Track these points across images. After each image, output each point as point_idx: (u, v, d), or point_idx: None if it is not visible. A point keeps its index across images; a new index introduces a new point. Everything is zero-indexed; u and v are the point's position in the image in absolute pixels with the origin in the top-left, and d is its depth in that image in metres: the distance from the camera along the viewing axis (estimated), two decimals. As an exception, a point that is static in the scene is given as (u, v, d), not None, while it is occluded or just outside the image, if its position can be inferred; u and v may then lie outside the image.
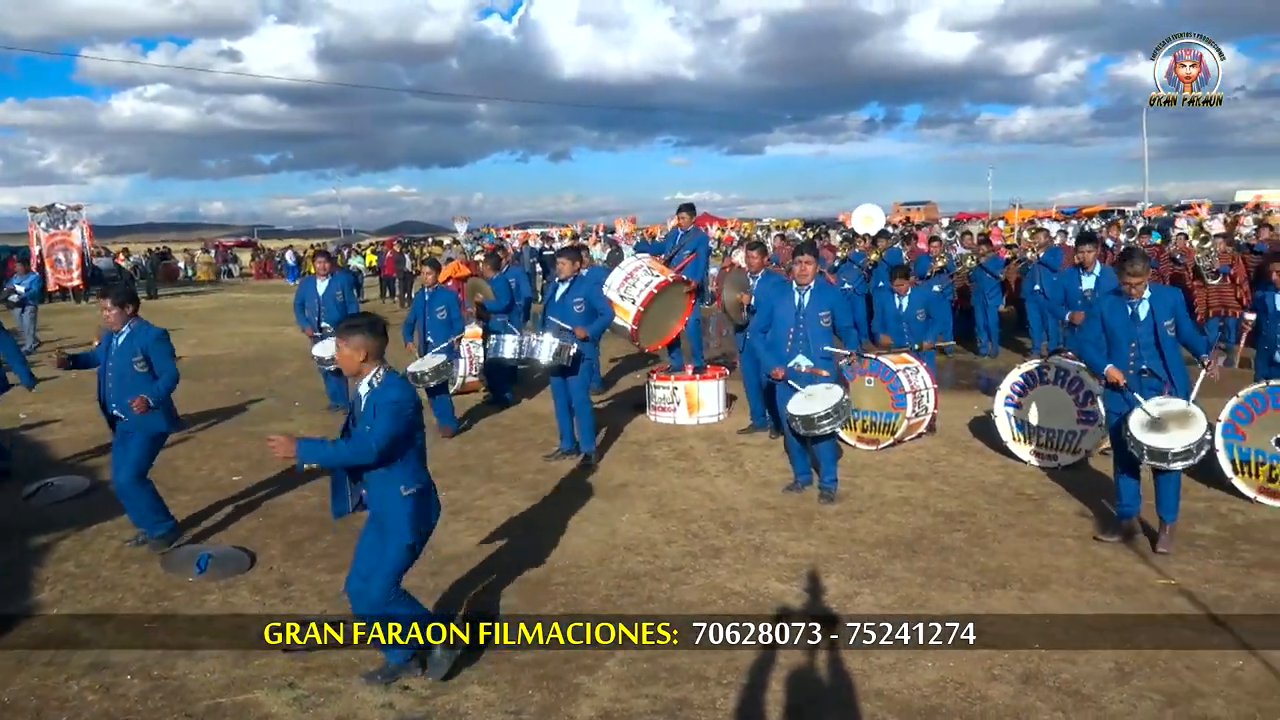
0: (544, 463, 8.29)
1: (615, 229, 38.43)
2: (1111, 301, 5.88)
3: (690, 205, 10.46)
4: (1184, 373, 5.76)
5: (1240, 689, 4.10)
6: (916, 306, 9.36)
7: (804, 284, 7.02)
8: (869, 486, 7.28)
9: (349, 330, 4.24)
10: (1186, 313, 5.92)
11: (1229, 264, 13.15)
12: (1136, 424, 5.63)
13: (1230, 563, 5.53)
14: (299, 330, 11.19)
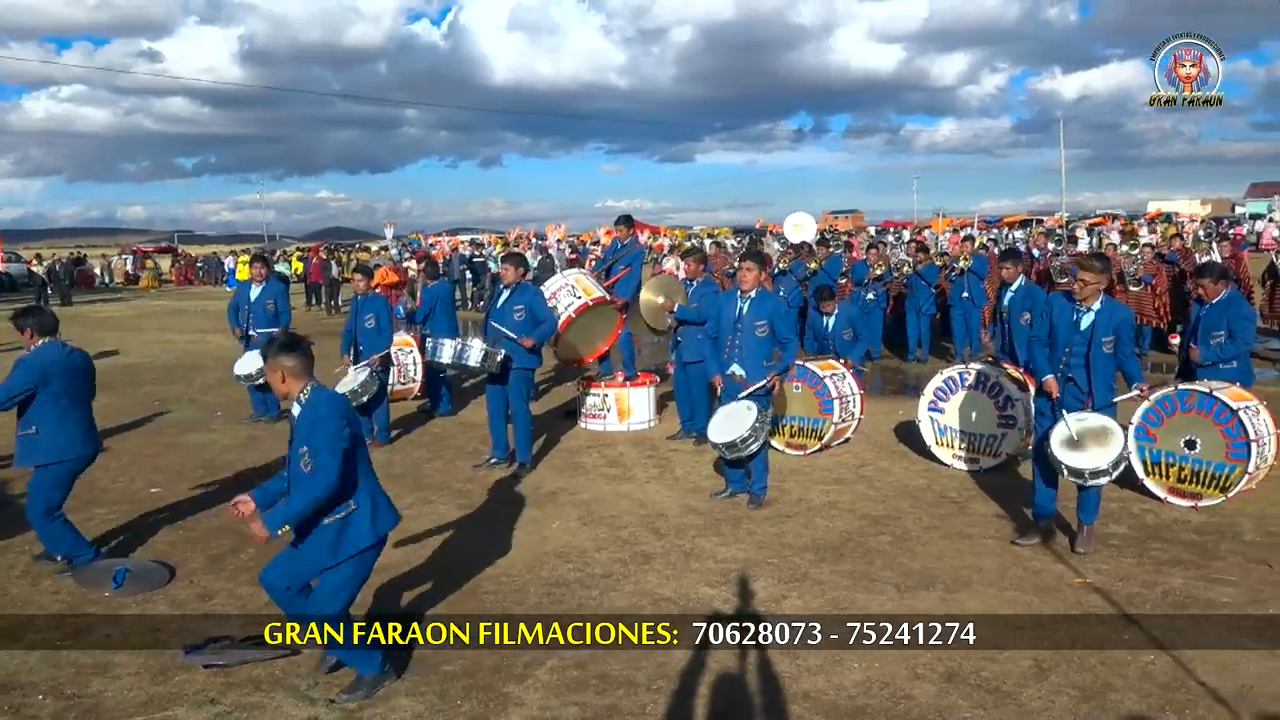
0: (474, 472, 8.23)
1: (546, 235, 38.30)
2: (1063, 304, 6.01)
3: (628, 217, 10.37)
4: (1106, 392, 5.87)
5: (1151, 683, 4.24)
6: (843, 326, 9.50)
7: (745, 292, 7.05)
8: (797, 491, 7.37)
9: (266, 355, 4.24)
10: (1131, 336, 6.00)
11: (1152, 274, 13.62)
12: (1057, 441, 5.78)
13: (1142, 561, 5.72)
14: (223, 338, 10.99)
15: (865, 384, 9.32)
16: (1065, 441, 5.76)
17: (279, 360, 4.17)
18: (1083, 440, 5.73)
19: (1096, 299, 5.82)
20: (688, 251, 10.52)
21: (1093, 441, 5.71)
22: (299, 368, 4.18)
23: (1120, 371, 5.93)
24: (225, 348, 11.86)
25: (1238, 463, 6.46)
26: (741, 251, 13.91)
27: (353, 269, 12.34)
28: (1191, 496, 6.66)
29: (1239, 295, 7.50)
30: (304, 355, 4.22)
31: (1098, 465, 5.63)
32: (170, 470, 8.28)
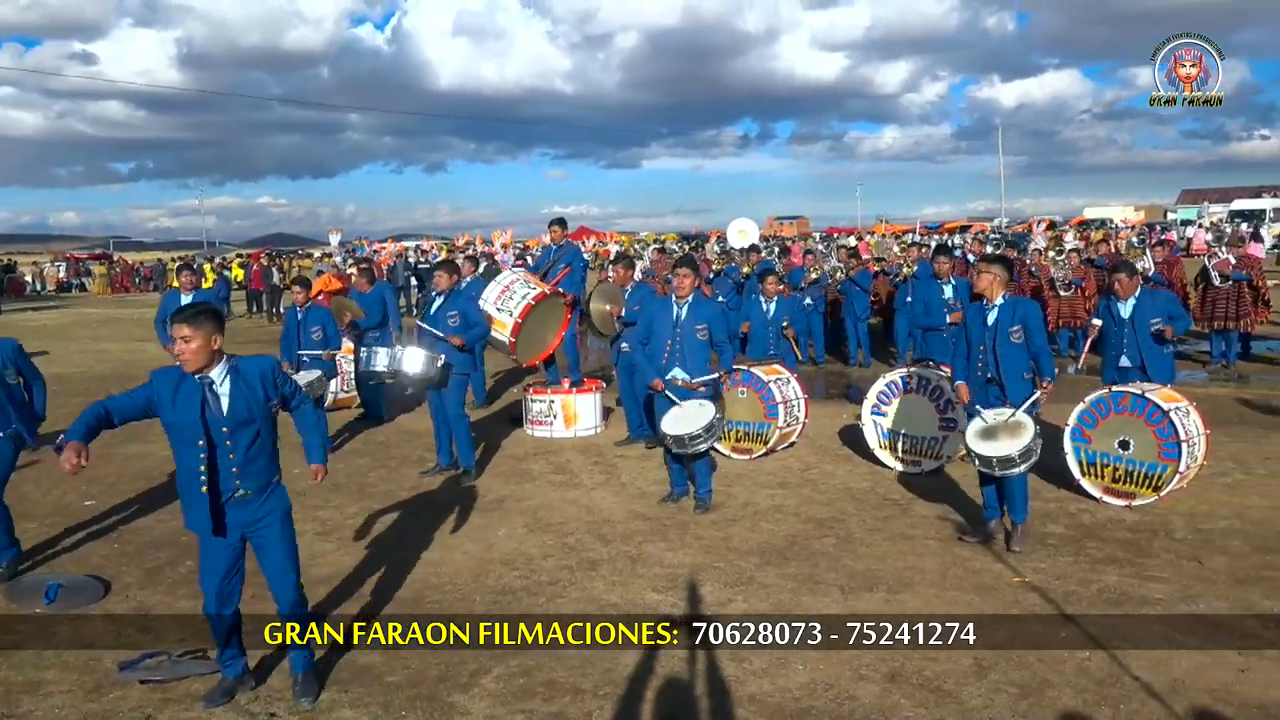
0: (419, 479, 8.16)
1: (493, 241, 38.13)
2: (975, 308, 6.18)
3: (562, 219, 10.52)
4: (1020, 384, 6.00)
5: (1087, 679, 4.33)
6: (782, 314, 9.59)
7: (682, 297, 7.10)
8: (743, 495, 7.41)
9: (198, 317, 4.06)
10: (1041, 326, 6.14)
11: (1081, 277, 13.94)
12: (972, 432, 5.92)
13: (1078, 560, 5.84)
14: (159, 347, 10.73)
15: (804, 379, 9.40)
16: (980, 432, 5.90)
17: (214, 325, 4.09)
18: (996, 431, 5.87)
19: (999, 294, 6.01)
20: (616, 258, 10.61)
21: (1005, 434, 5.86)
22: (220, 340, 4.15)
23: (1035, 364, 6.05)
24: (162, 358, 11.56)
25: (1169, 462, 6.62)
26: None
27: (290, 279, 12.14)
28: (1125, 496, 6.82)
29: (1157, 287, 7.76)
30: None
31: (1007, 453, 5.75)
32: (104, 482, 8.09)
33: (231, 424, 4.11)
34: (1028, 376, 6.04)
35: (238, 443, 4.14)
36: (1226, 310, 12.63)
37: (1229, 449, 8.08)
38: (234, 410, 4.12)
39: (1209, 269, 12.87)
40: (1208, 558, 5.78)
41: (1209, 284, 12.81)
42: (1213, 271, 12.73)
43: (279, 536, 4.32)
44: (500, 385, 12.92)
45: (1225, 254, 13.08)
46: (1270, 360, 13.29)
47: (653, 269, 15.11)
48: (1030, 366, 6.04)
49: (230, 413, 4.11)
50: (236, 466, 4.15)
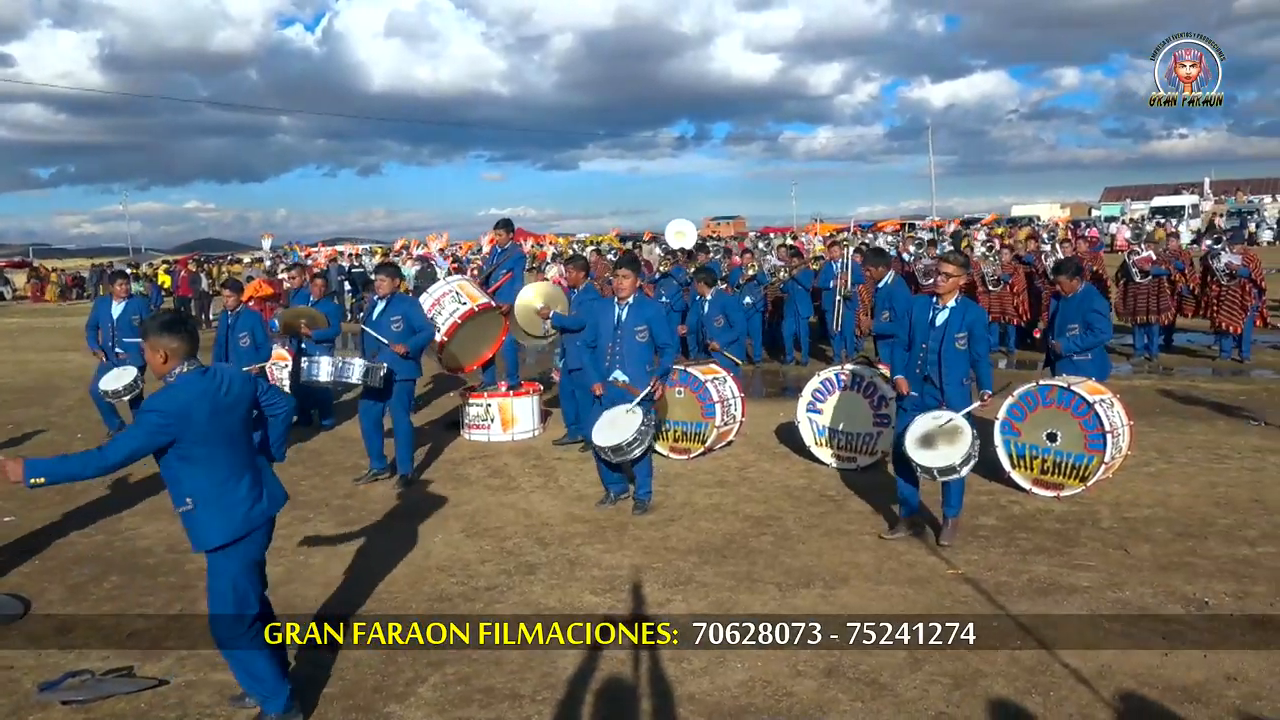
0: (353, 486, 8.03)
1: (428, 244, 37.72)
2: (923, 302, 6.22)
3: (508, 221, 10.28)
4: (960, 388, 6.07)
5: (1018, 667, 4.41)
6: (716, 312, 9.64)
7: (623, 298, 7.08)
8: (681, 495, 7.43)
9: (149, 330, 3.98)
10: (984, 335, 6.18)
11: (1010, 273, 14.24)
12: (910, 440, 5.98)
13: (1009, 551, 5.95)
14: (83, 356, 10.45)
15: (741, 378, 9.46)
16: (918, 440, 5.96)
17: (161, 339, 3.94)
18: (934, 439, 5.94)
19: (953, 296, 6.07)
20: (570, 259, 10.52)
21: (944, 440, 5.92)
22: (181, 349, 3.96)
23: (974, 372, 6.12)
24: (86, 367, 11.28)
25: (1095, 453, 6.79)
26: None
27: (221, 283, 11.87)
28: (1054, 487, 6.97)
29: (1093, 290, 7.90)
30: (187, 336, 4.00)
31: (949, 463, 5.83)
32: (24, 497, 7.81)
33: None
34: (966, 382, 6.10)
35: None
36: (1148, 305, 13.01)
37: (1152, 439, 8.32)
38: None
39: (1129, 265, 13.23)
40: (1133, 545, 5.93)
41: (1130, 279, 13.17)
42: (1133, 268, 13.09)
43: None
44: (437, 390, 12.81)
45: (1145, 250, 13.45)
46: (1191, 352, 13.71)
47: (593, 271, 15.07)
48: (969, 372, 6.12)
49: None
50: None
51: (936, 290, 6.11)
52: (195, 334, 4.06)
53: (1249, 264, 12.62)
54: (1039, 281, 13.76)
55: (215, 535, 3.98)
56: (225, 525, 3.99)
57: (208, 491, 3.96)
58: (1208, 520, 6.32)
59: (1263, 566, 5.48)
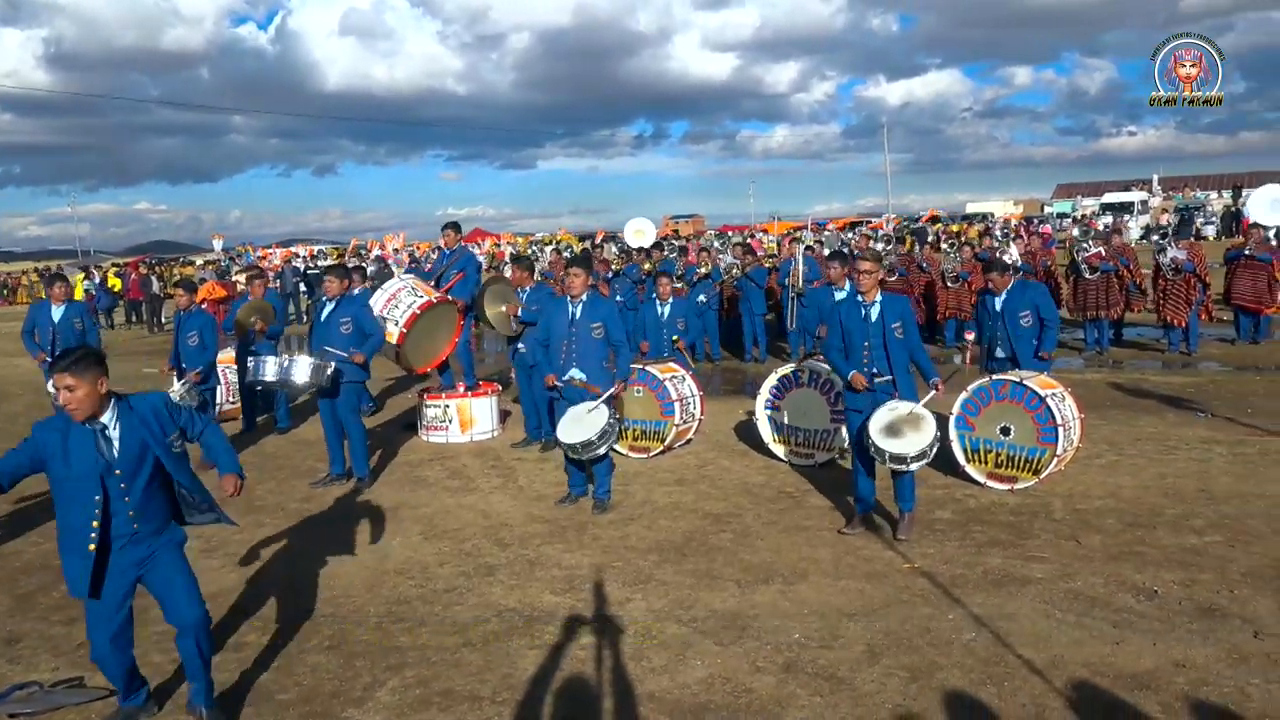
0: (310, 490, 7.95)
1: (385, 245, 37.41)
2: (849, 306, 6.31)
3: (456, 224, 10.38)
4: (908, 377, 6.20)
5: (974, 659, 4.47)
6: (676, 316, 9.67)
7: (575, 296, 7.08)
8: (640, 494, 7.43)
9: (79, 364, 3.80)
10: (914, 322, 6.36)
11: (969, 270, 14.41)
12: (876, 430, 6.05)
13: (964, 544, 6.03)
14: (31, 361, 10.24)
15: (700, 376, 9.49)
16: (884, 430, 6.03)
17: (98, 369, 3.86)
18: (899, 427, 6.01)
19: (875, 292, 6.18)
20: (515, 259, 10.51)
21: (908, 428, 6.00)
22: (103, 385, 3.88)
23: (915, 365, 6.24)
24: (33, 372, 11.06)
25: (1047, 446, 6.89)
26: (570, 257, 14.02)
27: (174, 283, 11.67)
28: (1008, 480, 7.07)
29: (1025, 280, 8.06)
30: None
31: (920, 448, 5.91)
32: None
33: (125, 466, 3.90)
34: (911, 371, 6.23)
35: (133, 485, 3.92)
36: (1098, 300, 13.22)
37: (1102, 431, 8.46)
38: (126, 451, 3.90)
39: (1079, 262, 13.44)
40: (1084, 536, 6.03)
41: (1080, 276, 13.38)
42: (1083, 264, 13.30)
43: (177, 569, 4.11)
44: (394, 391, 12.71)
45: (1093, 247, 13.67)
46: (1140, 346, 13.96)
47: (550, 270, 15.08)
48: (910, 362, 6.22)
49: (123, 455, 3.89)
50: (134, 509, 3.93)
51: (859, 287, 6.20)
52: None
53: (1194, 259, 12.87)
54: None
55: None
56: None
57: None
58: (1156, 511, 6.44)
59: (1209, 555, 5.60)
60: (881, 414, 6.08)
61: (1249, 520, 6.14)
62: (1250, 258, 13.37)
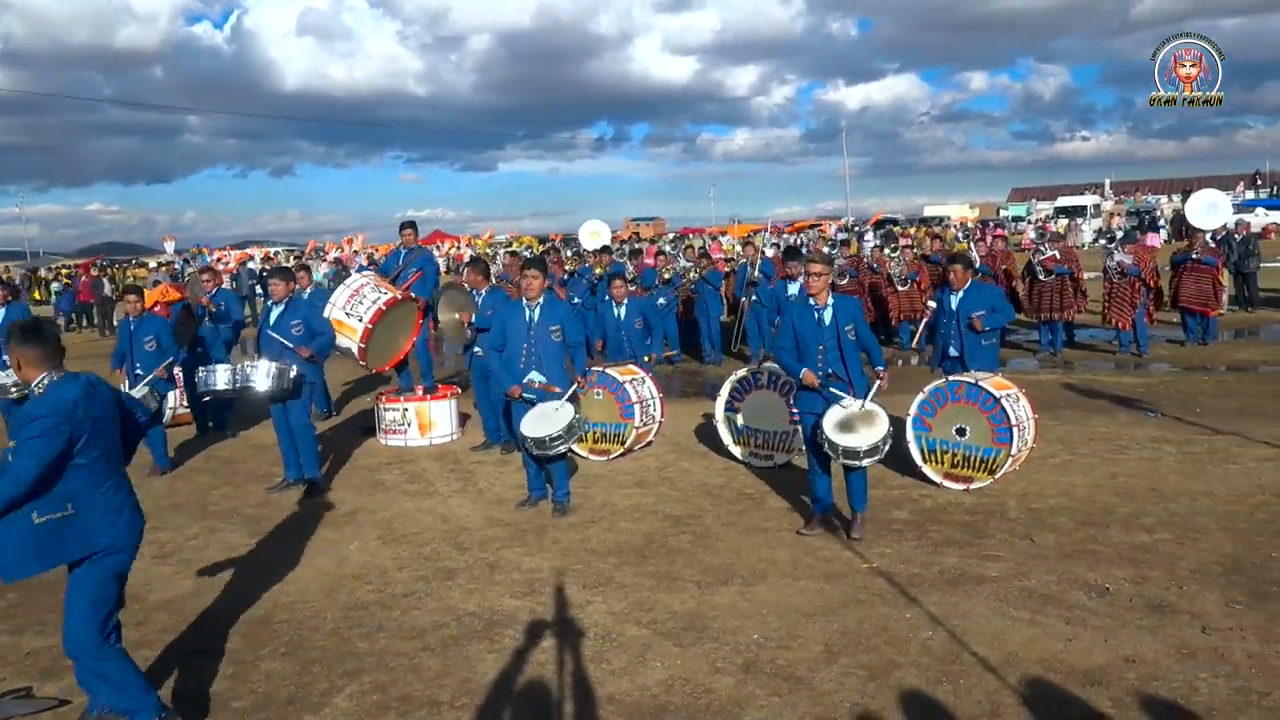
0: (266, 495, 7.86)
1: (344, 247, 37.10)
2: (800, 309, 6.35)
3: (412, 223, 10.36)
4: (862, 375, 6.28)
5: (930, 657, 4.52)
6: (634, 316, 9.68)
7: (532, 299, 7.06)
8: (600, 496, 7.43)
9: (9, 340, 3.92)
10: (864, 319, 6.45)
11: (916, 271, 14.59)
12: (830, 426, 6.10)
13: (921, 543, 6.09)
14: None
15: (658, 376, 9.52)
16: (838, 425, 6.08)
17: (16, 349, 3.88)
18: (852, 423, 6.08)
19: (827, 294, 6.24)
20: (470, 262, 10.49)
21: (861, 424, 6.07)
22: (36, 357, 3.87)
23: (865, 354, 6.35)
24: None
25: (1002, 446, 6.98)
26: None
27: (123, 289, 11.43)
28: (964, 480, 7.15)
29: (981, 282, 8.20)
30: (44, 343, 3.91)
31: (872, 442, 5.98)
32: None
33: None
34: (865, 371, 6.30)
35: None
36: (1052, 302, 13.42)
37: (1056, 431, 8.59)
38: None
39: (1035, 265, 13.64)
40: (1038, 535, 6.11)
41: (1035, 278, 13.58)
42: (1038, 267, 13.50)
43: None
44: (351, 394, 12.60)
45: (1049, 250, 13.87)
46: (1093, 347, 14.19)
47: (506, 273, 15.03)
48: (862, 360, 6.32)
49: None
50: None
51: (808, 290, 6.26)
52: (57, 342, 3.98)
53: (1139, 263, 13.12)
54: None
55: (99, 538, 3.89)
56: (110, 529, 3.93)
57: (91, 495, 3.87)
58: (1108, 509, 6.55)
59: (1159, 553, 5.70)
60: (835, 411, 6.14)
61: (1197, 518, 6.26)
62: (1196, 261, 13.67)
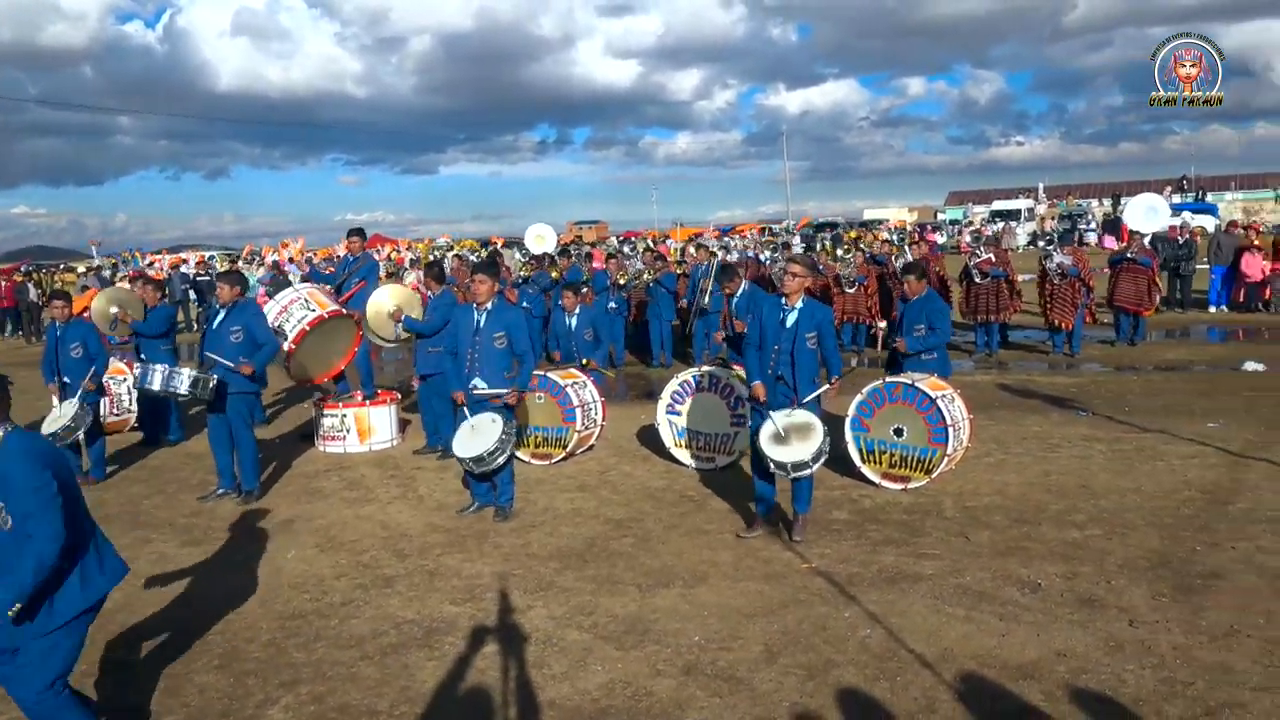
0: (200, 504, 7.70)
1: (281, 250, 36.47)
2: (772, 304, 6.37)
3: (360, 230, 10.20)
4: (811, 385, 6.29)
5: (868, 655, 4.58)
6: (584, 325, 9.68)
7: (481, 304, 6.99)
8: (542, 501, 7.40)
9: None
10: (833, 332, 6.42)
11: (864, 274, 14.77)
12: (765, 437, 6.14)
13: (860, 543, 6.16)
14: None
15: (609, 387, 9.51)
16: (772, 437, 6.13)
17: None
18: (788, 436, 6.12)
19: (799, 297, 6.25)
20: (426, 266, 10.38)
21: (796, 436, 6.11)
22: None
23: (824, 366, 6.37)
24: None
25: (938, 446, 7.10)
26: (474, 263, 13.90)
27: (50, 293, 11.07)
28: (901, 480, 7.26)
29: (934, 293, 8.28)
30: (3, 396, 3.60)
31: (800, 458, 6.02)
32: None
33: None
34: (816, 380, 6.32)
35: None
36: (988, 304, 13.68)
37: (990, 431, 8.76)
38: None
39: (970, 268, 13.89)
40: (973, 533, 6.22)
41: (971, 281, 13.83)
42: (974, 270, 13.75)
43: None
44: (289, 401, 12.40)
45: (984, 253, 14.14)
46: (1027, 348, 14.50)
47: (454, 276, 14.92)
48: (819, 370, 6.34)
49: None
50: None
51: (783, 291, 6.29)
52: (8, 394, 3.65)
53: (1078, 264, 13.43)
54: (890, 281, 14.33)
55: (72, 606, 3.66)
56: (83, 593, 3.70)
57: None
58: (1041, 507, 6.69)
59: (1089, 549, 5.84)
60: (775, 420, 6.17)
61: (1125, 514, 6.43)
62: (1132, 261, 14.04)
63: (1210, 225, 30.08)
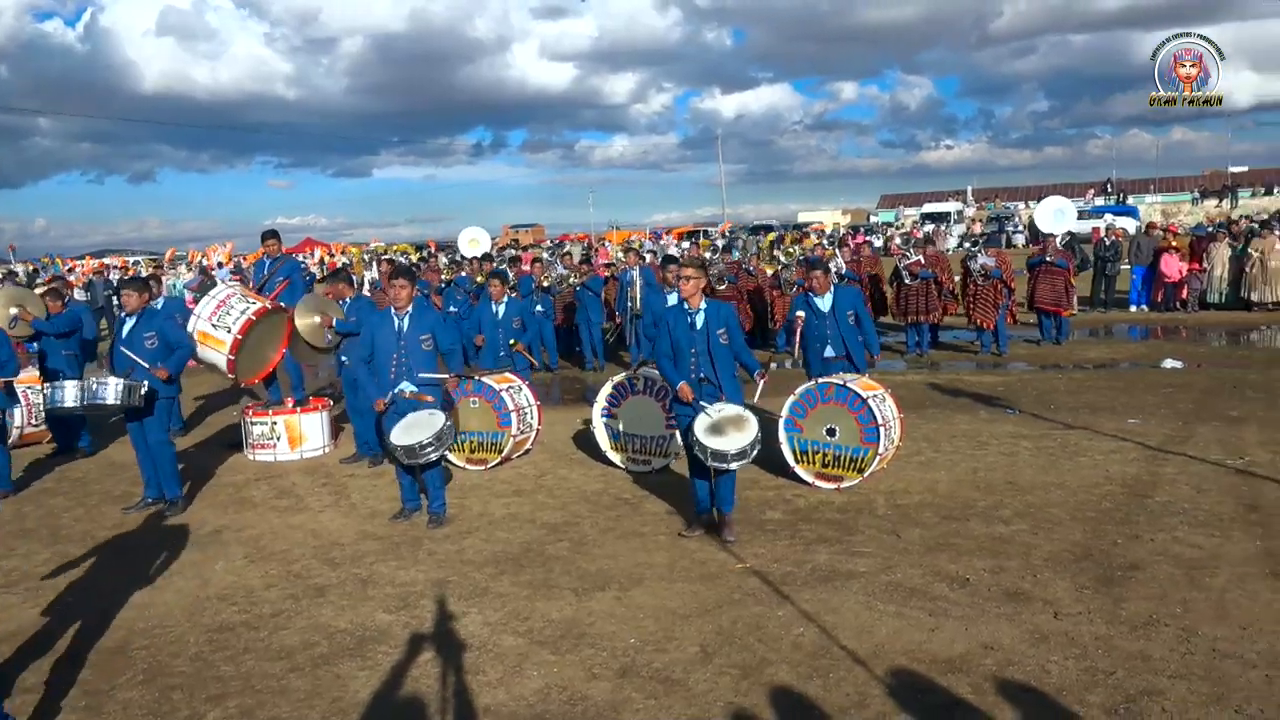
0: (123, 516, 7.50)
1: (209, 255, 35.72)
2: (674, 313, 6.43)
3: (274, 232, 10.11)
4: (734, 381, 6.38)
5: (801, 653, 4.62)
6: (512, 315, 9.66)
7: (401, 309, 6.93)
8: (477, 506, 7.35)
9: None
10: (739, 326, 6.55)
11: (802, 277, 14.92)
12: (700, 428, 6.19)
13: (793, 542, 6.22)
14: None
15: (538, 385, 9.47)
16: (708, 429, 6.18)
17: None
18: (722, 426, 6.18)
19: (700, 299, 6.34)
20: (333, 273, 10.28)
21: (731, 427, 6.18)
22: None
23: (739, 363, 6.45)
24: None
25: (870, 446, 7.20)
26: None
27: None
28: (834, 479, 7.35)
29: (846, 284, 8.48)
30: None
31: (740, 446, 6.09)
32: None
33: None
34: (736, 376, 6.41)
35: None
36: (918, 305, 13.94)
37: (921, 430, 8.91)
38: None
39: (901, 269, 14.14)
40: (904, 530, 6.32)
41: (901, 282, 14.08)
42: (904, 271, 14.00)
43: None
44: (214, 407, 12.15)
45: (915, 256, 14.40)
46: (957, 348, 14.79)
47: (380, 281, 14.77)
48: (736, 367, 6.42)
49: None
50: None
51: (682, 294, 6.37)
52: None
53: (1000, 265, 13.74)
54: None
55: None
56: None
57: None
58: (969, 503, 6.83)
59: (1016, 543, 5.97)
60: (708, 414, 6.22)
61: (1050, 509, 6.59)
62: (1049, 264, 14.40)
63: (1131, 227, 30.97)
